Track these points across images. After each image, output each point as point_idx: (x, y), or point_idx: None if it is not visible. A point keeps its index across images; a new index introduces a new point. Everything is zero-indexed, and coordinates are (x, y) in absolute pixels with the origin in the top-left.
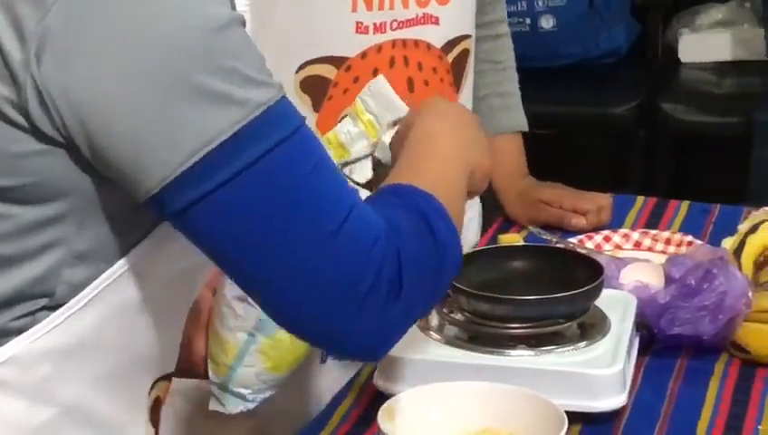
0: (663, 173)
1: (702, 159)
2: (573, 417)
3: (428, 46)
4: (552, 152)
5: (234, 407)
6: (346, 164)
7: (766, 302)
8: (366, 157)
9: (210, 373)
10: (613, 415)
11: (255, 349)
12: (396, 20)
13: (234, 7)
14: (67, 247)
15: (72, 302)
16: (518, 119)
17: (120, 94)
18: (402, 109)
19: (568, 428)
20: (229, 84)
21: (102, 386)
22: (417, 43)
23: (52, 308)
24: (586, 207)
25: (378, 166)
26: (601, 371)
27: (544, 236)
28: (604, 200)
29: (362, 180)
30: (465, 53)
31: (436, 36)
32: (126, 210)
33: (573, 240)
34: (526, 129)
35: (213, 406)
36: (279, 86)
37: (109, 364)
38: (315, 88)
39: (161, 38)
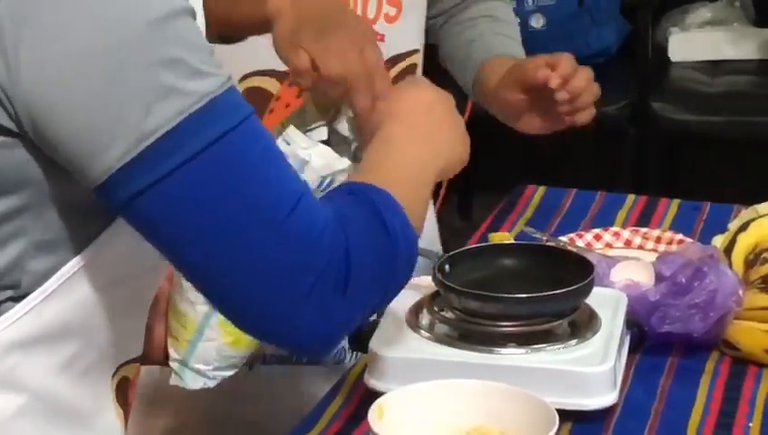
0: (653, 172)
1: (692, 157)
2: (564, 415)
3: None
4: (542, 151)
5: (193, 383)
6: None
7: (757, 299)
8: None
9: (170, 350)
10: (604, 413)
11: (215, 322)
12: None
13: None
14: (29, 238)
15: (37, 292)
16: (516, 49)
17: (64, 84)
18: None
19: (559, 426)
20: (173, 75)
21: (69, 372)
22: None
23: (18, 299)
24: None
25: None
26: (592, 368)
27: (535, 235)
28: (583, 72)
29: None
30: (413, 67)
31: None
32: (85, 200)
33: (564, 238)
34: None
35: (173, 381)
36: (227, 77)
37: (75, 351)
38: (256, 100)
39: (105, 28)
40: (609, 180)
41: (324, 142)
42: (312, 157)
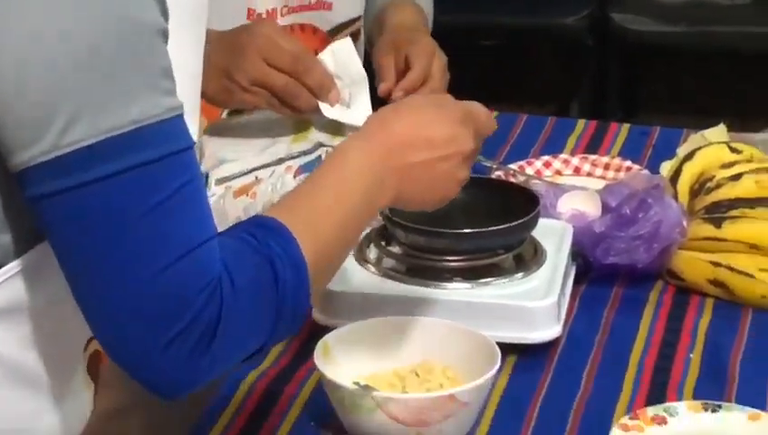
0: (614, 84)
1: (652, 68)
2: (509, 348)
3: (314, 30)
4: (500, 64)
5: None
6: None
7: (701, 230)
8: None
9: None
10: (548, 346)
11: None
12: (287, 5)
13: (166, 18)
14: None
15: (7, 267)
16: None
17: (16, 70)
18: (360, 74)
19: (503, 359)
20: (111, 91)
21: (39, 343)
22: (303, 27)
23: None
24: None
25: None
26: (536, 303)
27: (485, 163)
28: (429, 86)
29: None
30: (356, 34)
31: (325, 21)
32: None
33: (513, 166)
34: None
35: None
36: (170, 106)
37: (45, 323)
38: None
39: (66, 26)
40: (568, 93)
41: None
42: None
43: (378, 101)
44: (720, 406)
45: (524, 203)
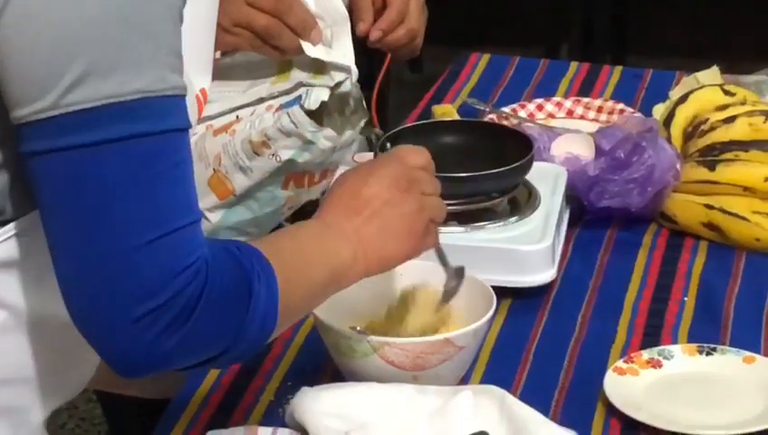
0: (603, 25)
1: (643, 9)
2: (504, 292)
3: None
4: (487, 4)
5: None
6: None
7: (694, 172)
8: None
9: None
10: (543, 289)
11: None
12: None
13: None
14: (14, 168)
15: (21, 219)
16: None
17: (33, 27)
18: (341, 14)
19: (499, 303)
20: (120, 58)
21: (53, 294)
22: None
23: (2, 223)
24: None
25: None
26: (530, 247)
27: (478, 106)
28: (406, 25)
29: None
30: None
31: None
32: None
33: (506, 109)
34: None
35: None
36: (176, 85)
37: (52, 276)
38: None
39: None
40: (557, 34)
41: (323, 103)
42: (320, 139)
43: (357, 42)
44: (715, 349)
45: (518, 146)
